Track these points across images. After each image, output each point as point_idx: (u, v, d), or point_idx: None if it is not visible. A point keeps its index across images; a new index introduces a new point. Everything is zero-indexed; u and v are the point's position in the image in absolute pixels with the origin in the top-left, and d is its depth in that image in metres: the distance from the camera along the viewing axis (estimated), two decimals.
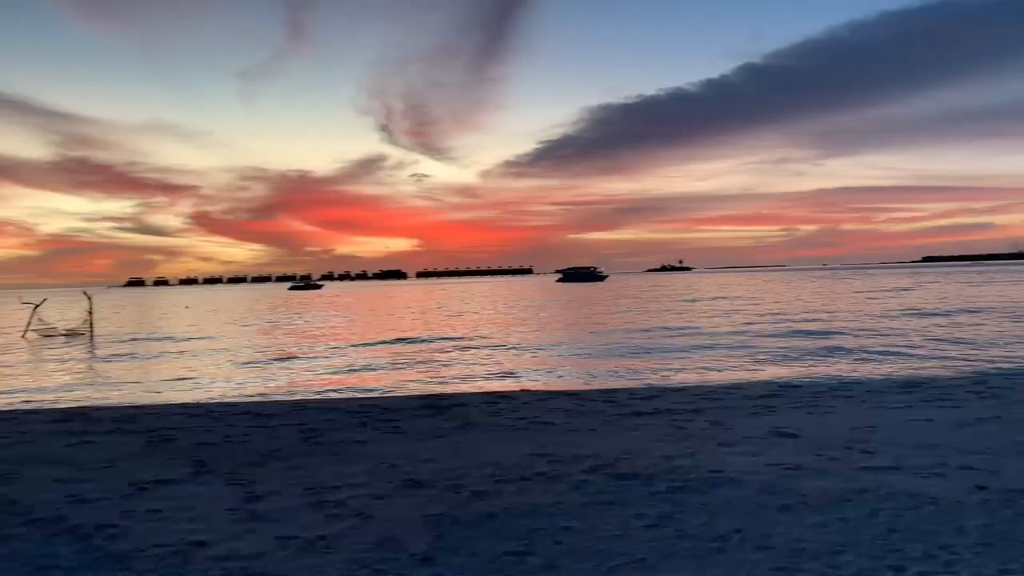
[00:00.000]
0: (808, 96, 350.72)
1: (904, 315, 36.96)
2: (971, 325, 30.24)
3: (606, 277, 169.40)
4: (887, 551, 5.61)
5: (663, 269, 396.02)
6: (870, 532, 6.05)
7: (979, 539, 5.83)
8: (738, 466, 8.22)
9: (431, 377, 19.09)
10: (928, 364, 19.08)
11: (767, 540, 5.91)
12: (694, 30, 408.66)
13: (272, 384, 18.74)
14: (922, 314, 37.06)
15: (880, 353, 21.85)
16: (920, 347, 23.14)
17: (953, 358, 20.28)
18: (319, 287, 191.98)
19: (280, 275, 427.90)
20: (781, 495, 7.13)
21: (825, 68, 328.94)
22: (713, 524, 6.35)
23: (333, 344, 30.35)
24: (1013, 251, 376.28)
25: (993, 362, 19.15)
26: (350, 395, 16.05)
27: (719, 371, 18.73)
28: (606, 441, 9.71)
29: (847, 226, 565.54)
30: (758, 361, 20.60)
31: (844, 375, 17.09)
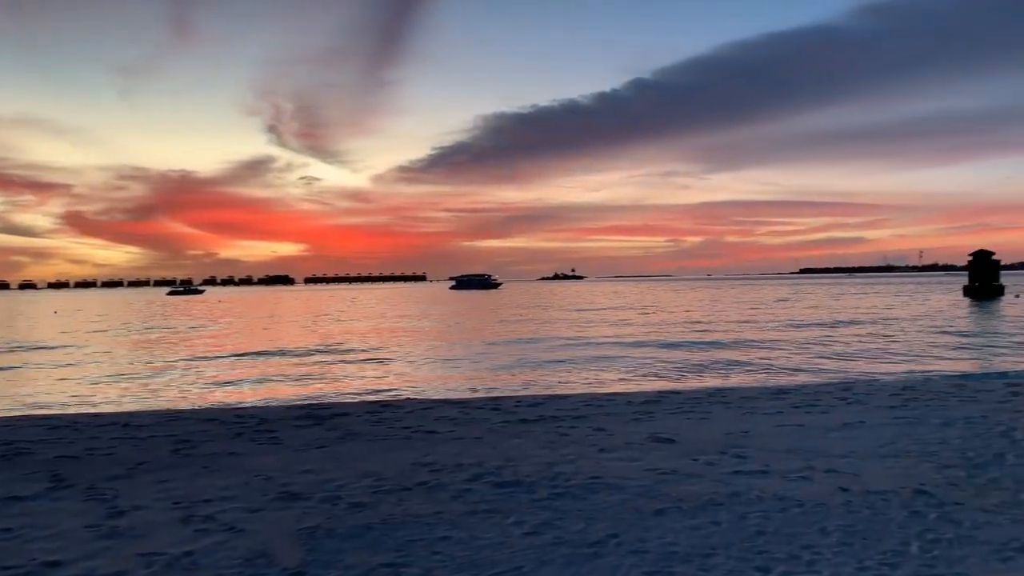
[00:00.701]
0: (695, 112, 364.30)
1: (781, 325, 38.69)
2: (842, 335, 31.95)
3: (500, 285, 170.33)
4: (755, 553, 5.78)
5: (556, 277, 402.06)
6: (740, 534, 6.23)
7: (840, 539, 6.08)
8: (617, 471, 8.33)
9: (313, 386, 18.62)
10: (800, 371, 20.00)
11: (642, 544, 6.00)
12: (587, 44, 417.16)
13: (143, 394, 17.85)
14: (799, 325, 38.88)
15: (757, 360, 22.77)
16: (794, 355, 24.25)
17: (823, 366, 21.35)
18: (200, 292, 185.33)
19: (159, 279, 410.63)
20: (657, 499, 7.27)
21: (711, 86, 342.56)
22: (591, 529, 6.39)
23: (211, 352, 29.24)
24: (882, 264, 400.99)
25: (860, 369, 20.28)
26: (226, 405, 15.46)
27: (604, 379, 19.06)
28: (490, 449, 9.67)
29: (730, 238, 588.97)
30: (642, 369, 21.10)
31: (722, 382, 17.70)
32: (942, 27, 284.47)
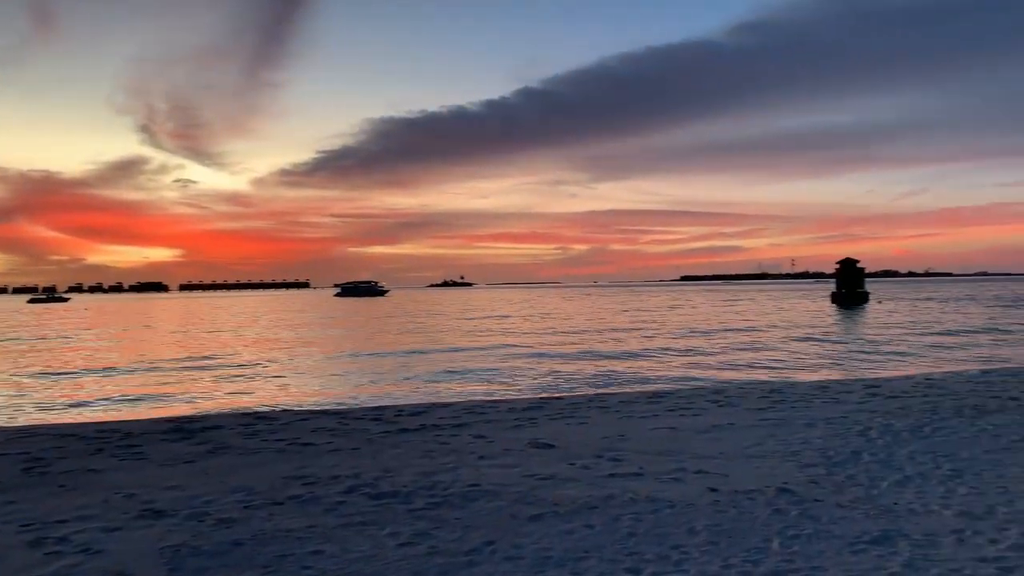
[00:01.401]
0: (582, 122, 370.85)
1: (664, 332, 39.87)
2: (720, 340, 33.20)
3: (387, 292, 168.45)
4: (626, 554, 5.88)
5: (445, 284, 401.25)
6: (612, 537, 6.33)
7: (707, 538, 6.27)
8: (496, 478, 8.34)
9: (183, 399, 17.83)
10: (676, 376, 20.65)
11: (517, 550, 6.00)
12: (475, 51, 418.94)
13: None
14: (680, 332, 40.15)
15: (639, 366, 23.37)
16: (674, 359, 25.01)
17: (700, 371, 22.10)
18: (65, 300, 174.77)
19: (18, 286, 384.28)
20: (534, 505, 7.31)
21: (597, 97, 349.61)
22: (467, 538, 6.35)
23: (70, 365, 27.59)
24: (758, 272, 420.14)
25: (733, 373, 21.11)
26: (86, 420, 14.58)
27: (488, 386, 19.10)
28: (368, 460, 9.50)
29: (615, 246, 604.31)
30: (527, 375, 21.26)
31: (602, 387, 18.05)
32: (814, 47, 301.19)
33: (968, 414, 11.86)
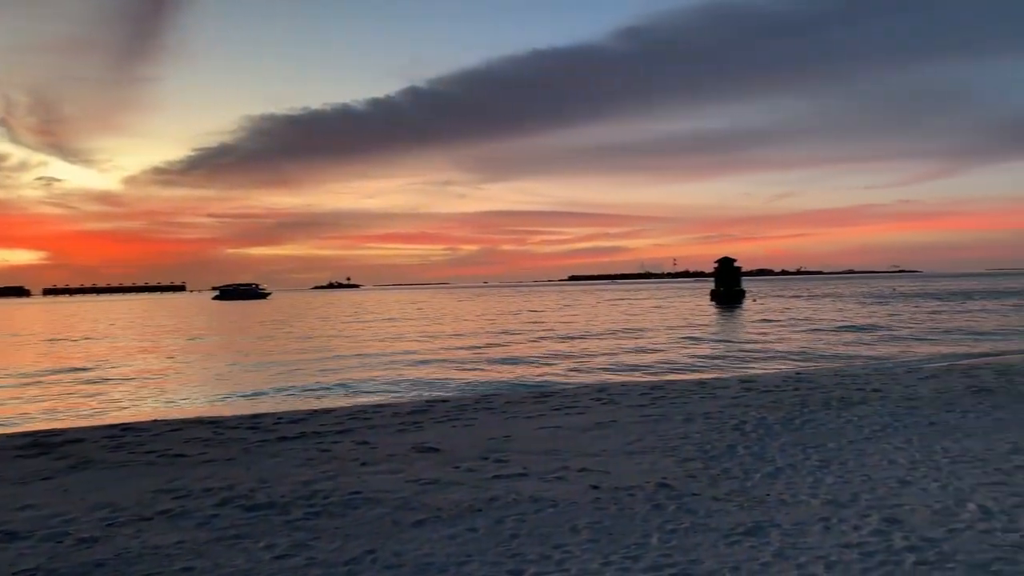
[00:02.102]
0: (470, 123, 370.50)
1: (552, 332, 40.31)
2: (606, 339, 33.84)
3: (269, 295, 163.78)
4: (509, 556, 5.84)
5: (331, 286, 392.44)
6: (495, 540, 6.28)
7: (589, 536, 6.31)
8: (378, 485, 8.16)
9: (43, 411, 16.72)
10: (562, 374, 20.90)
11: (398, 558, 5.87)
12: (360, 49, 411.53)
13: None
14: (570, 333, 40.67)
15: (528, 366, 23.51)
16: (563, 359, 25.29)
17: (587, 368, 22.44)
18: None
19: None
20: (417, 511, 7.18)
21: (484, 97, 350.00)
22: (347, 547, 6.17)
23: None
24: (641, 271, 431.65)
25: (618, 371, 21.54)
26: None
27: (371, 391, 18.78)
28: (243, 471, 9.12)
29: (505, 247, 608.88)
30: (412, 378, 21.04)
31: (490, 388, 18.05)
32: (693, 53, 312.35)
33: (835, 406, 12.46)
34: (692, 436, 10.32)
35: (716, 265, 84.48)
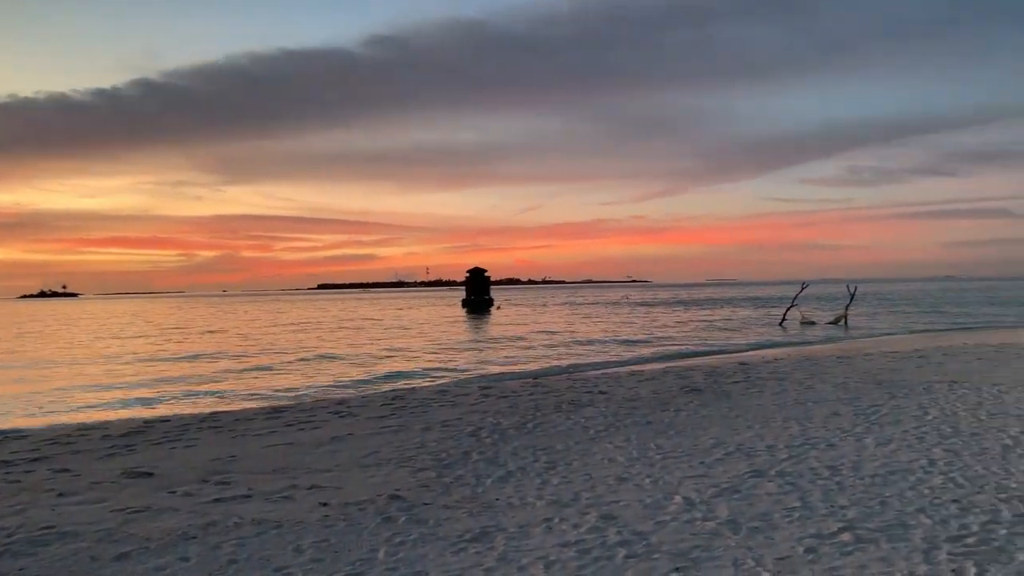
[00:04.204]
0: (209, 120, 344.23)
1: (295, 343, 38.84)
2: (356, 347, 33.17)
3: None
4: None
5: (43, 295, 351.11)
6: (209, 568, 5.79)
7: (313, 555, 6.01)
8: (77, 517, 7.27)
9: None
10: (298, 388, 20.15)
11: None
12: (80, 33, 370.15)
13: None
14: (314, 345, 39.38)
15: (261, 380, 22.40)
16: (305, 369, 24.39)
17: (325, 381, 21.81)
18: None
19: None
20: (121, 543, 6.47)
21: (226, 94, 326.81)
22: None
23: None
24: (394, 280, 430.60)
25: (358, 381, 21.16)
26: None
27: (76, 410, 16.90)
28: None
29: (247, 253, 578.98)
30: (129, 397, 19.26)
31: (216, 406, 16.94)
32: (443, 65, 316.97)
33: (565, 409, 13.04)
34: (429, 445, 10.29)
35: (467, 274, 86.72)
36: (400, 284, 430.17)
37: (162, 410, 16.45)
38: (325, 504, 7.50)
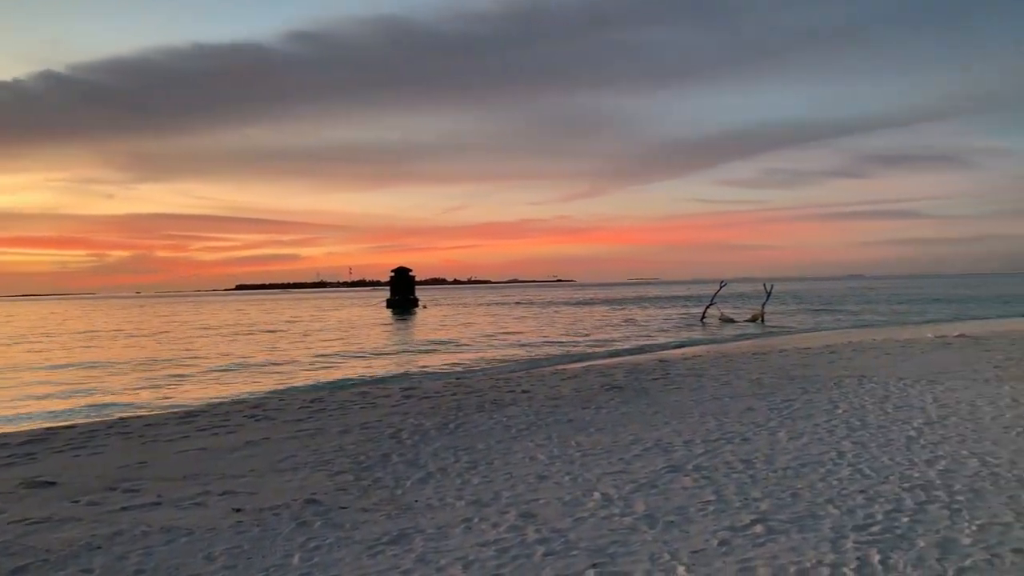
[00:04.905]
0: (120, 116, 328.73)
1: (207, 344, 37.80)
2: (277, 350, 32.44)
3: None
4: None
5: None
6: None
7: (225, 563, 5.83)
8: None
9: None
10: (213, 392, 19.62)
11: None
12: None
13: None
14: (231, 347, 38.38)
15: (175, 384, 21.74)
16: (218, 373, 23.75)
17: (242, 386, 21.29)
18: None
19: None
20: (18, 556, 6.16)
21: (138, 89, 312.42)
22: None
23: None
24: (316, 280, 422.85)
25: (278, 384, 20.72)
26: None
27: None
28: None
29: (162, 253, 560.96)
30: (28, 404, 18.43)
31: (126, 411, 16.34)
32: (364, 63, 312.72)
33: (488, 408, 13.02)
34: (347, 448, 10.11)
35: (392, 274, 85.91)
36: (322, 284, 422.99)
37: (67, 418, 15.76)
38: (238, 510, 7.29)
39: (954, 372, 15.43)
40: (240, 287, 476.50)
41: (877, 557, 5.40)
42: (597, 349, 30.40)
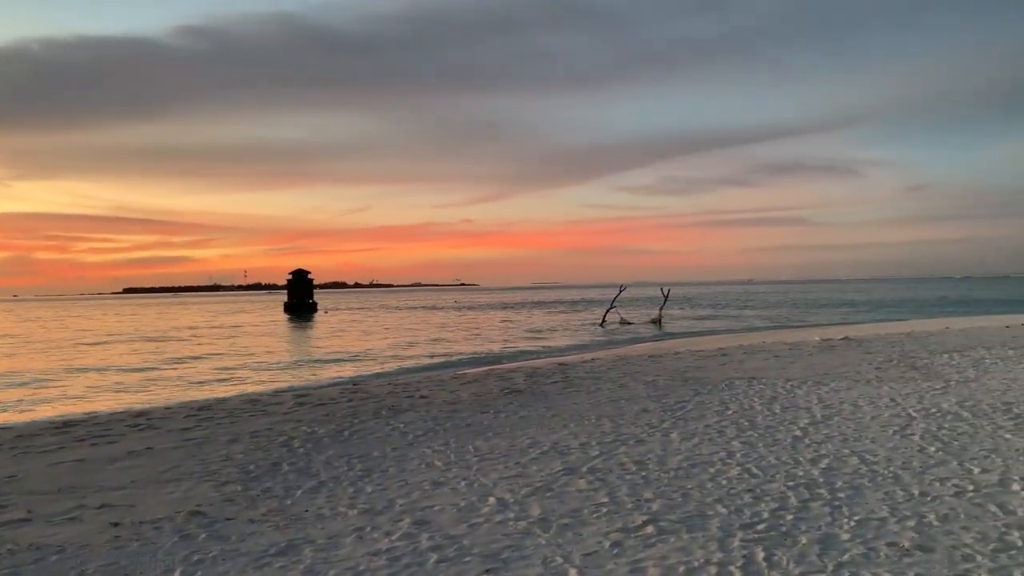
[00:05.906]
0: None
1: (91, 352, 36.00)
2: (157, 356, 31.14)
3: None
4: None
5: None
6: None
7: None
8: None
9: None
10: (97, 401, 18.69)
11: None
12: None
13: None
14: (112, 354, 36.63)
15: (53, 392, 20.60)
16: (101, 382, 22.63)
17: (122, 394, 20.35)
18: None
19: None
20: None
21: (15, 81, 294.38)
22: None
23: None
24: (210, 283, 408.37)
25: (166, 394, 19.88)
26: None
27: None
28: None
29: (42, 255, 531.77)
30: None
31: None
32: (262, 60, 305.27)
33: (385, 415, 12.80)
34: (235, 457, 9.75)
35: (289, 277, 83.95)
36: (216, 288, 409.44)
37: None
38: (116, 524, 6.91)
39: (838, 373, 16.15)
40: (128, 290, 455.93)
41: (762, 555, 5.54)
42: (497, 352, 30.47)
